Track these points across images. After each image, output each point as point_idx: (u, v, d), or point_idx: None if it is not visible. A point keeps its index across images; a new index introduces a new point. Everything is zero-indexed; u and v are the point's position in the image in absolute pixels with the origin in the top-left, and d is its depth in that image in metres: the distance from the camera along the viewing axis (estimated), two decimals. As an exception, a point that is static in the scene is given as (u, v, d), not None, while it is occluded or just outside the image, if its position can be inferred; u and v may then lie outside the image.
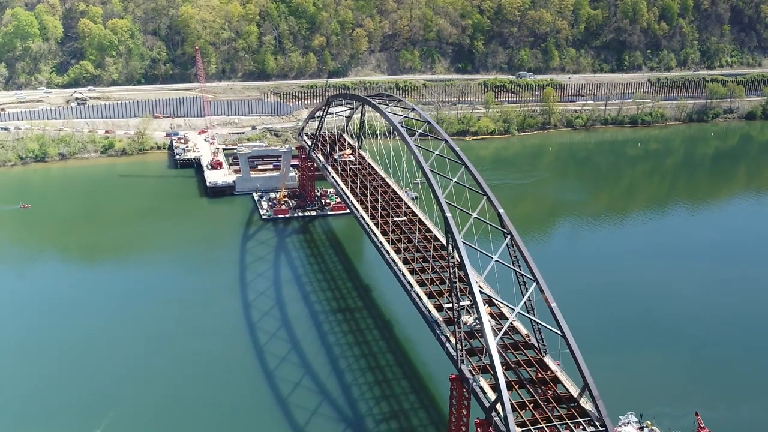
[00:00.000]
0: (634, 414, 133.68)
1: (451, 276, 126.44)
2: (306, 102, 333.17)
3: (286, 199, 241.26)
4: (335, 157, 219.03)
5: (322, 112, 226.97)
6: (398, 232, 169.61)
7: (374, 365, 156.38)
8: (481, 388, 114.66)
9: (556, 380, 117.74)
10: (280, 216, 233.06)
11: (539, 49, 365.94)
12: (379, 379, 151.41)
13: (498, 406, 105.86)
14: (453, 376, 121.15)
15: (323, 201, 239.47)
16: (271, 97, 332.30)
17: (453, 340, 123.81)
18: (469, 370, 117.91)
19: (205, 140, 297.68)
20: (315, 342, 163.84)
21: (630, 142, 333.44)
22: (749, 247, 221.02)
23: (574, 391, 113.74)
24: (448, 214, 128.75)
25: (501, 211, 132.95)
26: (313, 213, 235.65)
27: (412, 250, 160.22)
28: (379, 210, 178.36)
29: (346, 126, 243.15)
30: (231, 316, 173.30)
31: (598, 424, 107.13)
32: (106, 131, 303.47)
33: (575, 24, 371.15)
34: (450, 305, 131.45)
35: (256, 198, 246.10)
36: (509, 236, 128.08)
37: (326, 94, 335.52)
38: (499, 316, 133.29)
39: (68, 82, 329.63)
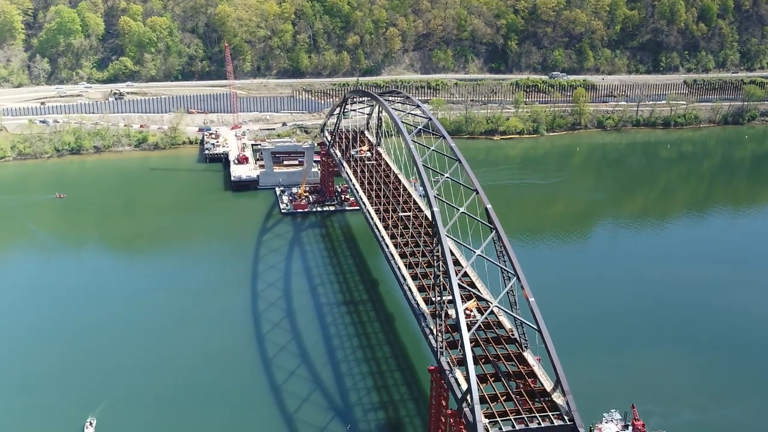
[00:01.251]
0: (618, 411, 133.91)
1: (436, 269, 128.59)
2: (337, 100, 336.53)
3: (307, 194, 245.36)
4: (352, 152, 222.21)
5: (339, 109, 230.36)
6: (401, 226, 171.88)
7: (370, 357, 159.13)
8: (457, 380, 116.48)
9: (533, 374, 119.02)
10: (299, 210, 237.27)
11: (573, 50, 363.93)
12: (373, 371, 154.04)
13: (468, 397, 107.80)
14: (432, 368, 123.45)
15: (342, 196, 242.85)
16: (303, 95, 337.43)
17: (436, 333, 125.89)
18: (448, 362, 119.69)
19: (236, 136, 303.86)
20: (316, 332, 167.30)
21: (662, 143, 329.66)
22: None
23: (549, 386, 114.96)
24: (436, 208, 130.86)
25: (488, 206, 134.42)
26: (332, 208, 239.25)
27: (412, 245, 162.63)
28: (387, 205, 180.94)
29: (367, 123, 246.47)
30: (239, 305, 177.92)
31: (566, 418, 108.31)
32: (141, 126, 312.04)
33: (611, 24, 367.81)
34: (438, 298, 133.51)
35: (278, 192, 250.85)
36: (494, 231, 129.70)
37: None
38: (487, 311, 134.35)
39: (108, 77, 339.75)
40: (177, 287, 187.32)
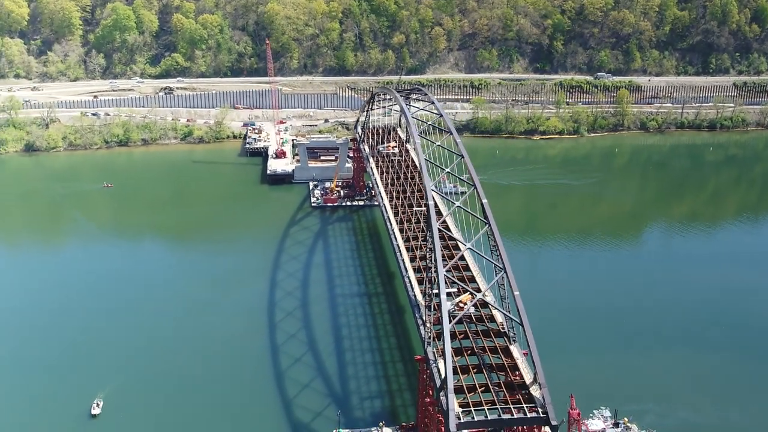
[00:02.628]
0: (609, 409, 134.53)
1: (428, 262, 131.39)
2: (379, 97, 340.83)
3: (338, 188, 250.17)
4: (379, 148, 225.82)
5: (368, 106, 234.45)
6: (414, 221, 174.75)
7: (376, 347, 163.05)
8: (438, 370, 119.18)
9: (516, 368, 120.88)
10: (328, 204, 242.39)
11: (620, 51, 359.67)
12: (377, 361, 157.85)
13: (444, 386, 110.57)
14: (418, 357, 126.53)
15: (372, 192, 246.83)
16: (347, 92, 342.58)
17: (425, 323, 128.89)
18: (433, 352, 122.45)
19: (276, 131, 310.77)
20: (326, 322, 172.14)
21: (707, 146, 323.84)
22: None
23: (530, 379, 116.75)
24: (430, 202, 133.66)
25: (484, 201, 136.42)
26: (361, 203, 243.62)
27: (421, 239, 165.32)
28: (404, 200, 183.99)
29: (399, 120, 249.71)
30: (257, 293, 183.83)
31: (541, 410, 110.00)
32: (188, 120, 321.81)
33: (660, 25, 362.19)
34: (436, 291, 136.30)
35: (311, 186, 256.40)
36: (488, 226, 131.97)
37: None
38: (482, 305, 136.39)
39: (160, 73, 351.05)
40: (201, 275, 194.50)
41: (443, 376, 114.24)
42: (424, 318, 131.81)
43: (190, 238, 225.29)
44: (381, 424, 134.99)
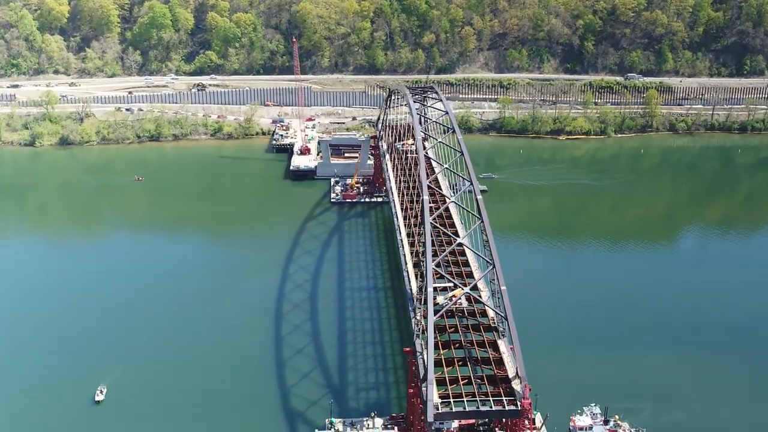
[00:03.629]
0: (599, 406, 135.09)
1: (421, 256, 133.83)
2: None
3: (359, 184, 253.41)
4: (397, 145, 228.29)
5: (386, 104, 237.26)
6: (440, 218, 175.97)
7: (377, 340, 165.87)
8: (424, 362, 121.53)
9: (501, 362, 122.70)
10: (347, 200, 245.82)
11: (652, 51, 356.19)
12: (377, 353, 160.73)
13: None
14: (407, 349, 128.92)
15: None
16: (375, 91, 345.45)
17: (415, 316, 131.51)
18: (421, 344, 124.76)
19: (303, 128, 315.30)
20: (332, 314, 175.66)
21: (738, 149, 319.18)
22: None
23: (512, 373, 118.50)
24: (426, 197, 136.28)
25: (479, 197, 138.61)
26: (379, 199, 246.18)
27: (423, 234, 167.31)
28: (414, 196, 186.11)
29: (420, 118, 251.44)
30: (267, 285, 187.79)
31: (519, 403, 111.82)
32: (219, 116, 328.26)
33: (694, 26, 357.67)
34: (434, 286, 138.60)
35: (332, 183, 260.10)
36: (480, 221, 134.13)
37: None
38: (477, 300, 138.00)
39: (194, 70, 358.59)
40: (216, 266, 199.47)
41: (425, 368, 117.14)
42: (415, 311, 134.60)
43: (210, 230, 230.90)
44: (373, 414, 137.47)
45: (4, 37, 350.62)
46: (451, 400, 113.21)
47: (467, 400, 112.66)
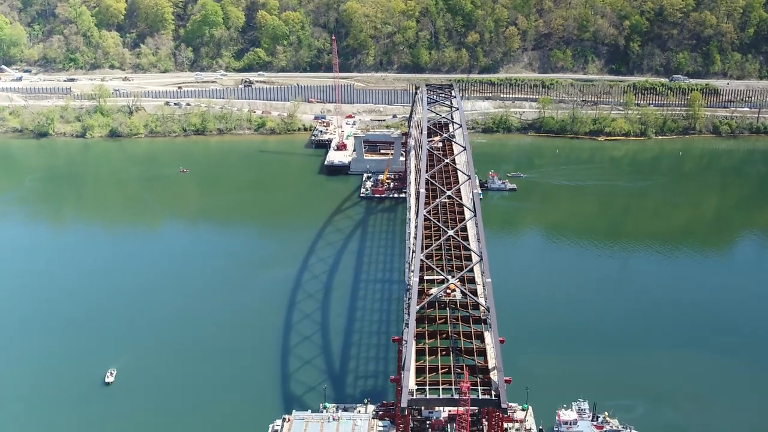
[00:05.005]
0: (587, 402, 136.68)
1: (413, 247, 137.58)
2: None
3: (389, 180, 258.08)
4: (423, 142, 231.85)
5: (414, 101, 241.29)
6: (433, 212, 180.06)
7: (383, 330, 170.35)
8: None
9: (483, 353, 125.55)
10: (376, 195, 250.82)
11: (699, 53, 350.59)
12: (381, 343, 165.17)
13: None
14: (395, 338, 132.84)
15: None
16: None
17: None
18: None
19: (346, 124, 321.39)
20: (343, 305, 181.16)
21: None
22: None
23: (493, 364, 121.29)
24: (422, 189, 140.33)
25: (476, 191, 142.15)
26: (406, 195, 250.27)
27: (434, 229, 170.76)
28: (433, 192, 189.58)
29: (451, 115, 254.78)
30: (284, 275, 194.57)
31: (494, 393, 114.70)
32: (263, 112, 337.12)
33: (744, 27, 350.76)
34: (432, 278, 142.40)
35: (364, 178, 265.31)
36: (473, 216, 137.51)
37: (471, 89, 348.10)
38: (473, 293, 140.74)
39: (243, 66, 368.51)
40: (240, 255, 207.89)
41: (405, 356, 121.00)
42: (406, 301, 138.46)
43: (241, 221, 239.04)
44: (366, 401, 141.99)
45: (63, 32, 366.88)
46: (427, 387, 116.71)
47: (442, 388, 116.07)
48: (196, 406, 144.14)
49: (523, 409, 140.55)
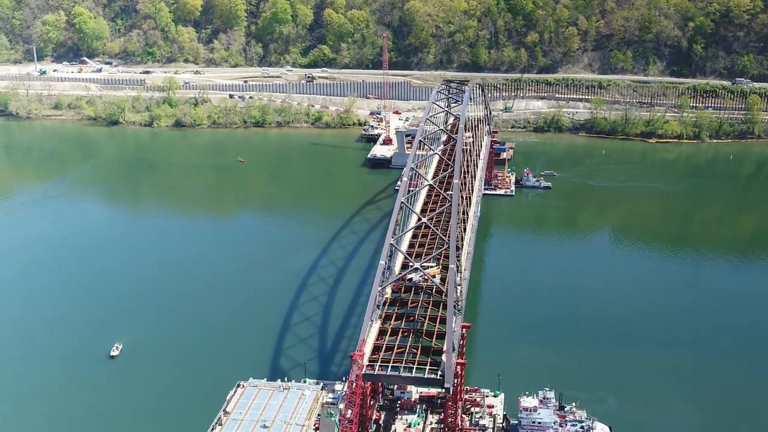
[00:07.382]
0: (554, 391, 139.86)
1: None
2: (504, 94, 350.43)
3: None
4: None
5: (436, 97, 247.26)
6: (439, 203, 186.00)
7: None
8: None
9: (443, 335, 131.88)
10: (410, 188, 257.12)
11: (766, 56, 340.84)
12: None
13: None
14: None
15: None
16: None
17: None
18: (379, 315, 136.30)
19: (399, 119, 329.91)
20: (351, 290, 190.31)
21: None
22: None
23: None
24: (405, 178, 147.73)
25: (456, 181, 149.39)
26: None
27: (436, 219, 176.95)
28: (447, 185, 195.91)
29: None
30: (304, 261, 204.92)
31: (439, 373, 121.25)
32: (322, 106, 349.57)
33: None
34: (417, 266, 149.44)
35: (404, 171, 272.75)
36: (448, 204, 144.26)
37: (527, 88, 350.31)
38: (443, 280, 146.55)
39: (308, 63, 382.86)
40: (270, 241, 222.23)
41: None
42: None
43: (278, 209, 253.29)
44: (344, 378, 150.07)
45: (142, 27, 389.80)
46: (378, 364, 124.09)
47: (391, 365, 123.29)
48: (196, 380, 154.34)
49: (494, 396, 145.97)
